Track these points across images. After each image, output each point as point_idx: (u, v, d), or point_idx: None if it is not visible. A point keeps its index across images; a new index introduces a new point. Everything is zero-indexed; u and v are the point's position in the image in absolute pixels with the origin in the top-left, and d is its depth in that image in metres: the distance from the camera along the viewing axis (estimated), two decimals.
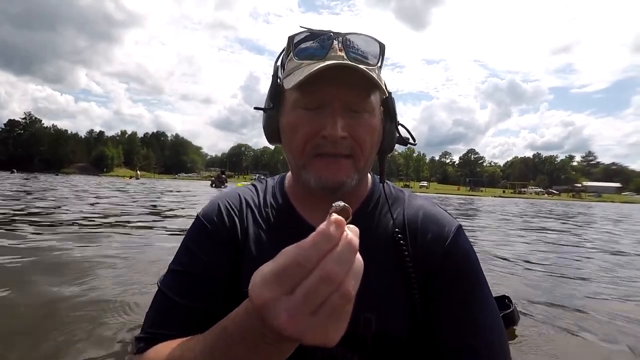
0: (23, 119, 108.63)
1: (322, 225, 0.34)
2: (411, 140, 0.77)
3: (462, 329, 0.66)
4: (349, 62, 0.61)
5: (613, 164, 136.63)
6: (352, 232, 0.35)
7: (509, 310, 1.27)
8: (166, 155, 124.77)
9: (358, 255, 0.35)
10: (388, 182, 0.80)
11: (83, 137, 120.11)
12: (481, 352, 0.64)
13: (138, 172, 53.58)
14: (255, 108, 0.72)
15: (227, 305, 0.48)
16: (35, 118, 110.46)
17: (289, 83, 0.64)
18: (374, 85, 0.63)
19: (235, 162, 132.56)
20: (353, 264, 0.34)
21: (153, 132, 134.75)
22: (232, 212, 0.75)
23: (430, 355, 0.67)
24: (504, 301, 1.30)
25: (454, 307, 0.67)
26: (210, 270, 0.69)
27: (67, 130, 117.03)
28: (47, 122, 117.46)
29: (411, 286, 0.67)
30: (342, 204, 0.37)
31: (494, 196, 59.31)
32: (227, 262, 0.70)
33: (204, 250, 0.71)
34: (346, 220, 0.35)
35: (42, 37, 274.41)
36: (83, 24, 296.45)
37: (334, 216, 0.34)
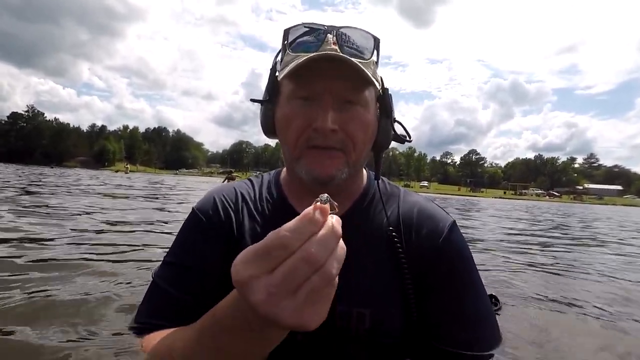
0: (26, 112, 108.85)
1: (307, 210, 0.35)
2: (407, 138, 0.77)
3: (456, 324, 0.67)
4: (340, 54, 0.61)
5: (615, 166, 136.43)
6: (335, 220, 0.36)
7: (496, 309, 1.31)
8: (167, 150, 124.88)
9: (341, 243, 0.35)
10: (383, 178, 0.80)
11: (85, 131, 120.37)
12: (475, 345, 0.66)
13: (127, 166, 51.14)
14: (252, 100, 0.73)
15: (221, 298, 0.49)
16: (38, 111, 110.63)
17: (282, 74, 0.65)
18: (365, 78, 0.63)
19: (237, 159, 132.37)
20: (336, 250, 0.34)
21: (155, 128, 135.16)
22: (227, 205, 0.76)
23: (425, 350, 0.68)
24: (491, 300, 1.24)
25: (448, 302, 0.68)
26: (204, 263, 0.70)
27: (69, 124, 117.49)
28: (49, 116, 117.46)
29: (405, 282, 0.68)
30: (326, 196, 0.37)
31: (495, 197, 59.36)
32: (221, 255, 0.70)
33: (199, 243, 0.72)
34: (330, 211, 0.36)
35: (43, 29, 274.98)
36: (84, 17, 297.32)
37: (319, 204, 0.35)
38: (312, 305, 0.34)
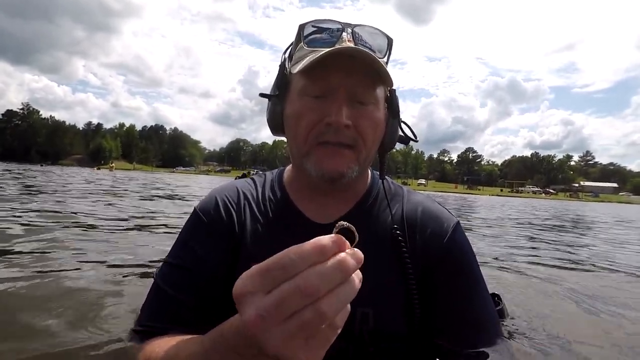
0: (21, 109, 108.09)
1: (321, 237, 0.33)
2: (413, 138, 0.77)
3: (460, 324, 0.67)
4: (361, 49, 0.61)
5: (611, 164, 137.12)
6: (351, 255, 0.33)
7: (498, 308, 1.30)
8: (164, 148, 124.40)
9: (354, 282, 0.33)
10: (387, 178, 0.80)
11: (81, 129, 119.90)
12: (478, 345, 0.66)
13: (113, 164, 51.85)
14: (261, 95, 0.72)
15: (224, 299, 0.47)
16: (33, 109, 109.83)
17: (297, 69, 0.64)
18: (380, 75, 0.63)
19: (234, 157, 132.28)
20: (339, 287, 0.32)
21: (152, 126, 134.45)
22: (229, 205, 0.75)
23: (428, 350, 0.68)
24: (493, 299, 1.31)
25: (451, 302, 0.68)
26: (206, 264, 0.69)
27: (64, 122, 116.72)
28: (44, 113, 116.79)
29: (409, 282, 0.68)
30: (346, 224, 0.35)
31: (492, 195, 59.66)
32: (224, 256, 0.70)
33: (201, 244, 0.71)
34: (352, 243, 0.34)
35: (37, 26, 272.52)
36: (79, 13, 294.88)
37: (338, 235, 0.33)
38: (304, 342, 0.32)
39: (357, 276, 0.33)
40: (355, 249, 0.34)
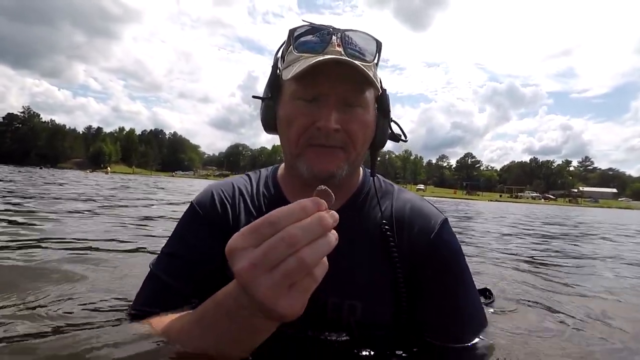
0: (21, 113, 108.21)
1: (303, 199, 0.38)
2: (403, 137, 0.78)
3: (446, 318, 0.69)
4: (346, 58, 0.63)
5: (610, 169, 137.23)
6: (329, 215, 0.38)
7: (490, 301, 1.35)
8: (164, 153, 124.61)
9: (329, 239, 0.38)
10: (378, 176, 0.82)
11: (81, 132, 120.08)
12: (463, 339, 0.68)
13: (109, 168, 55.79)
14: (254, 97, 0.75)
15: (216, 289, 0.50)
16: (34, 112, 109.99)
17: (288, 74, 0.66)
18: (368, 81, 0.65)
19: (233, 161, 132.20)
20: (319, 239, 0.37)
21: (151, 130, 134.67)
22: (224, 200, 0.78)
23: (414, 342, 0.70)
24: (485, 293, 1.37)
25: (438, 297, 0.70)
26: (200, 255, 0.71)
27: (65, 125, 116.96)
28: (45, 117, 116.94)
29: (397, 276, 0.70)
30: (323, 187, 0.40)
31: (491, 200, 59.68)
32: (217, 247, 0.70)
33: (196, 235, 0.74)
34: (328, 203, 0.39)
35: (38, 30, 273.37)
36: (79, 18, 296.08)
37: (316, 197, 0.39)
38: (287, 290, 0.37)
39: (333, 234, 0.38)
40: (332, 211, 0.40)
